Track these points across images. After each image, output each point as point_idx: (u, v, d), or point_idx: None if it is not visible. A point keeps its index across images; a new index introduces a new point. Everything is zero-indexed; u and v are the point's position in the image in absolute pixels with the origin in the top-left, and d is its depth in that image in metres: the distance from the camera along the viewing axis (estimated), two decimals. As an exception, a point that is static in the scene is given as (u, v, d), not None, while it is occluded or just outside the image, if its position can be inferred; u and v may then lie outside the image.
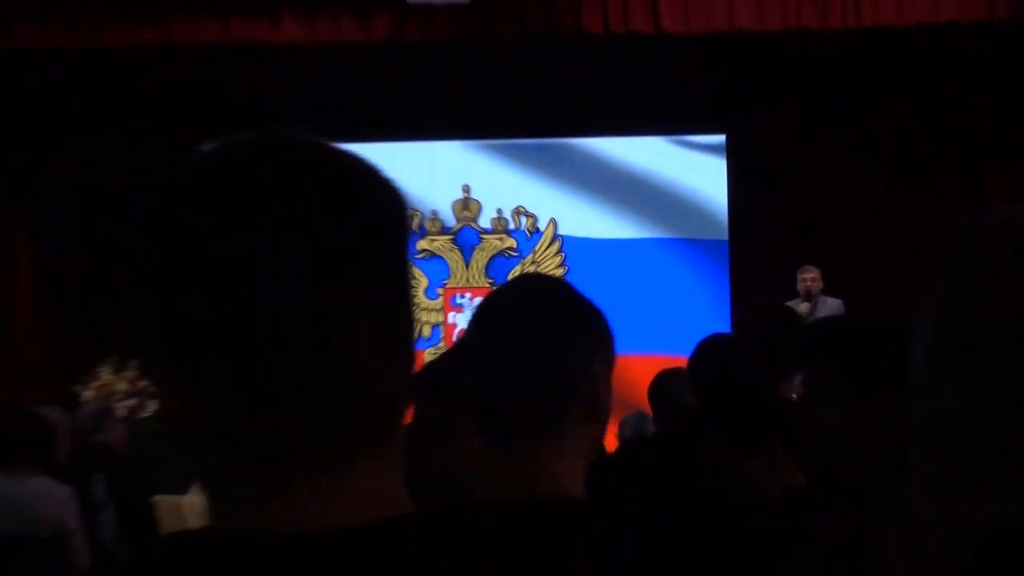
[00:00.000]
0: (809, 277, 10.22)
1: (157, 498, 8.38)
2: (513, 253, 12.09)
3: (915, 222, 12.05)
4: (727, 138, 12.30)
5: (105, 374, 11.37)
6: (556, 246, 12.24)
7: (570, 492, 1.90)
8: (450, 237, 11.89)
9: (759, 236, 12.29)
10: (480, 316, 2.03)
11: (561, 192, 12.27)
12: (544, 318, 1.98)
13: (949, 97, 11.92)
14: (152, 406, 11.18)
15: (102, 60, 11.07)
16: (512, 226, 12.08)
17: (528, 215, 12.23)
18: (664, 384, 5.21)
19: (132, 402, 10.87)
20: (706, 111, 12.26)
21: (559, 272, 11.99)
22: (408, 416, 1.18)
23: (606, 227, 12.30)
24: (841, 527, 2.53)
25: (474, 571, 1.12)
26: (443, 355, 2.87)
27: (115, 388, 11.17)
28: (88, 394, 10.70)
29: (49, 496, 6.40)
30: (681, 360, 5.21)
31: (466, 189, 12.01)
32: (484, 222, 12.07)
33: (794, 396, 4.50)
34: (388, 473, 1.14)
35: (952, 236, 1.24)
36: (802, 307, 9.78)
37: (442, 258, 11.71)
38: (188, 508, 9.25)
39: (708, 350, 4.78)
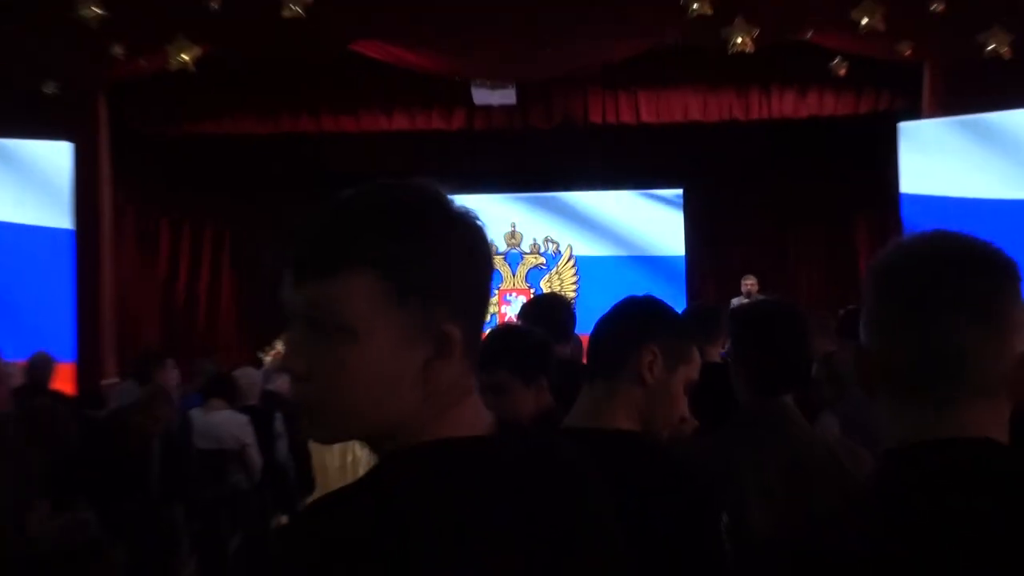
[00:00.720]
0: (749, 283, 10.19)
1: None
2: (543, 267, 12.07)
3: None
4: (683, 191, 12.23)
5: (279, 344, 10.64)
6: (572, 262, 12.13)
7: (617, 424, 1.92)
8: (502, 256, 11.88)
9: (703, 258, 12.33)
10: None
11: (576, 226, 12.18)
12: (612, 315, 2.04)
13: (828, 168, 11.64)
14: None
15: (275, 141, 10.95)
16: (543, 249, 12.09)
17: (553, 242, 12.18)
18: None
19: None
20: (669, 173, 12.12)
21: (572, 279, 11.98)
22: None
23: (604, 249, 12.13)
24: (734, 449, 2.35)
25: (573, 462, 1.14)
26: (487, 338, 2.67)
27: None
28: (267, 359, 10.46)
29: (233, 422, 6.42)
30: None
31: (512, 225, 12.10)
32: (524, 247, 12.12)
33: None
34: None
35: (872, 257, 1.21)
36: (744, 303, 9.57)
37: (498, 271, 11.46)
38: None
39: None
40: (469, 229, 1.09)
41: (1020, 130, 8.66)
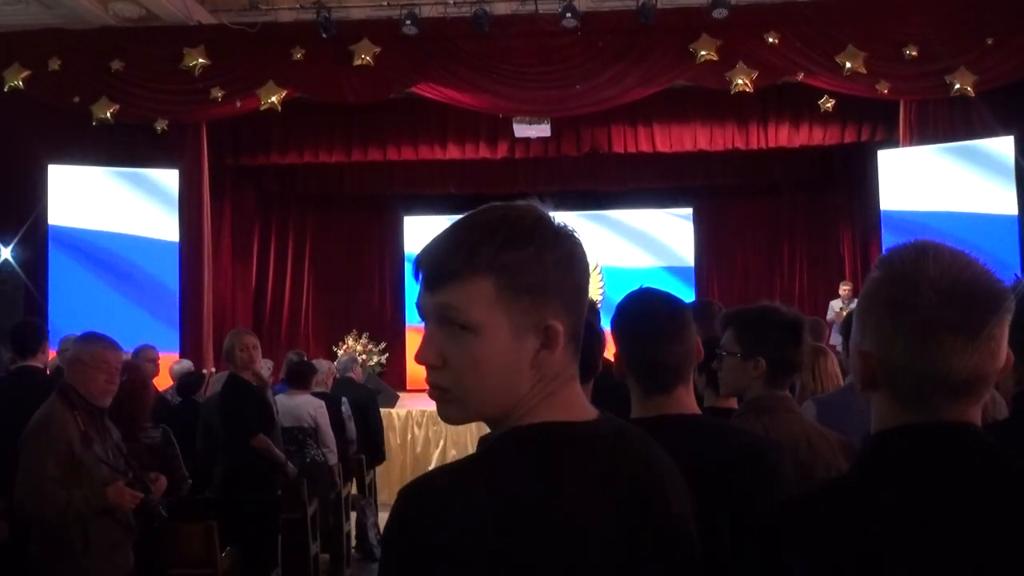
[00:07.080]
0: (845, 289, 9.56)
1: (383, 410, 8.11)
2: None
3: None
4: (693, 210, 11.82)
5: (349, 340, 11.52)
6: (598, 271, 11.53)
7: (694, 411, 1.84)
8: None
9: (710, 267, 11.95)
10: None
11: (601, 240, 11.57)
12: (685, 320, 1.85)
13: (818, 189, 11.44)
14: (374, 358, 11.42)
15: (347, 168, 10.91)
16: (573, 262, 11.32)
17: (582, 254, 11.44)
18: None
19: (363, 356, 10.84)
20: (681, 193, 11.74)
21: (599, 286, 11.37)
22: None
23: (626, 261, 11.68)
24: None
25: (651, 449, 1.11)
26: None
27: (354, 348, 11.21)
28: (340, 352, 10.59)
29: (310, 404, 6.31)
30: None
31: (545, 241, 11.37)
32: (556, 261, 11.39)
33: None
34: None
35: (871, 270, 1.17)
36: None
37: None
38: (395, 416, 8.98)
39: None
40: (568, 240, 1.08)
41: (983, 156, 8.54)
